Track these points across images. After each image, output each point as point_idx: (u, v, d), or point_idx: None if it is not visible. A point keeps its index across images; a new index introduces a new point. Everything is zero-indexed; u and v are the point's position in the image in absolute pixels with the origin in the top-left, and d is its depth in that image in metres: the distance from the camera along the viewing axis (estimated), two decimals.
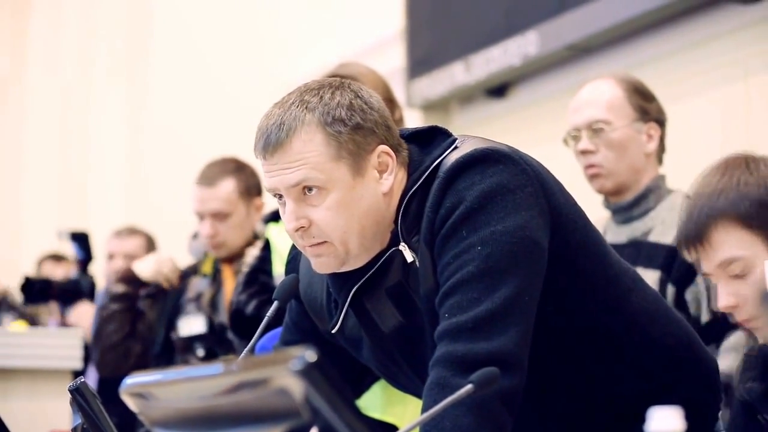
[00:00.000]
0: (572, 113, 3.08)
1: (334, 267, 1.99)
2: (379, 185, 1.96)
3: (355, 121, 1.93)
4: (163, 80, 7.76)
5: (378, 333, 2.04)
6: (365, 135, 1.94)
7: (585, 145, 3.03)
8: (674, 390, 2.06)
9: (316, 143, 1.92)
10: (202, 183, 3.78)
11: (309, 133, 1.92)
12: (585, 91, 3.10)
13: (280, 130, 1.92)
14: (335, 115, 1.92)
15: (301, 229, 1.95)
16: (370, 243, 1.97)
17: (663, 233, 2.95)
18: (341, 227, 1.93)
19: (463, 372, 1.80)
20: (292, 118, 1.92)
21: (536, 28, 4.68)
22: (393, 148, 1.97)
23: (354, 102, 1.95)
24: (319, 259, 1.98)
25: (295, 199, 1.94)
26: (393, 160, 1.96)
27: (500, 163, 1.91)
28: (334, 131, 1.92)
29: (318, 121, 1.92)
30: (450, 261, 1.88)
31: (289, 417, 1.34)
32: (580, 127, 3.04)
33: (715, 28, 4.12)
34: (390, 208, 1.97)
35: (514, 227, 1.87)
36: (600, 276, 2.03)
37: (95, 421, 2.00)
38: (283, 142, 1.92)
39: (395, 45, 5.58)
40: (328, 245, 1.96)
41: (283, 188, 1.94)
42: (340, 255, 1.96)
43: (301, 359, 1.28)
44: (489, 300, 1.84)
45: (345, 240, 1.94)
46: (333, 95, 1.95)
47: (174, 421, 1.55)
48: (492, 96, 5.15)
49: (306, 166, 1.91)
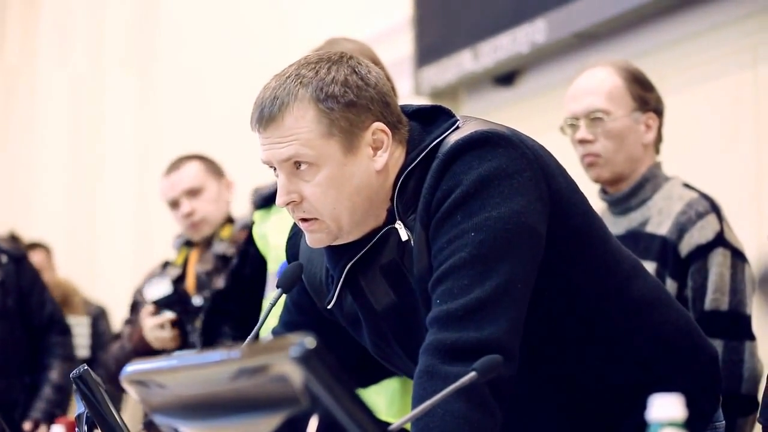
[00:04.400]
0: (570, 101, 3.06)
1: (326, 241, 1.99)
2: (372, 162, 1.95)
3: (348, 98, 1.92)
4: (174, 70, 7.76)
5: (372, 311, 2.03)
6: (359, 112, 1.93)
7: (583, 134, 3.00)
8: (673, 379, 2.05)
9: (307, 119, 1.91)
10: (168, 172, 3.96)
11: (301, 109, 1.91)
12: (583, 78, 3.06)
13: (273, 105, 1.92)
14: (328, 92, 1.92)
15: (292, 203, 1.95)
16: (362, 219, 1.96)
17: (659, 223, 2.93)
18: (331, 203, 1.93)
19: (452, 360, 1.79)
20: (286, 92, 1.92)
21: (544, 16, 4.67)
22: (390, 125, 1.96)
23: (349, 78, 1.94)
24: (311, 234, 1.99)
25: (287, 173, 1.94)
26: (388, 137, 1.95)
27: (499, 146, 1.89)
28: (327, 108, 1.91)
29: (311, 97, 1.91)
30: (444, 246, 1.87)
31: (289, 404, 1.34)
32: (578, 116, 3.01)
33: (723, 15, 4.11)
34: (385, 185, 1.96)
35: (509, 213, 1.86)
36: (599, 262, 2.02)
37: (98, 409, 2.00)
38: (276, 116, 1.92)
39: (404, 33, 5.57)
40: (319, 222, 1.96)
41: (275, 162, 1.95)
42: (332, 231, 1.96)
43: (300, 346, 1.27)
44: (480, 287, 1.83)
45: (335, 216, 1.94)
46: (329, 70, 1.94)
47: (174, 408, 1.56)
48: (500, 84, 5.14)
49: (297, 141, 1.91)
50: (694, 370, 2.10)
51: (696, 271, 2.86)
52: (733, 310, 2.85)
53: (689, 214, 2.89)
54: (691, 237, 2.87)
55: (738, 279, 2.87)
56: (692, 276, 2.87)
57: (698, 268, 2.86)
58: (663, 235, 2.90)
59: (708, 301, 2.85)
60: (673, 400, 1.33)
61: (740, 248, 2.91)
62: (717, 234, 2.87)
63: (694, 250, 2.86)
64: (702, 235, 2.86)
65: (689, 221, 2.88)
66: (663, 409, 1.33)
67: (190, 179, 3.90)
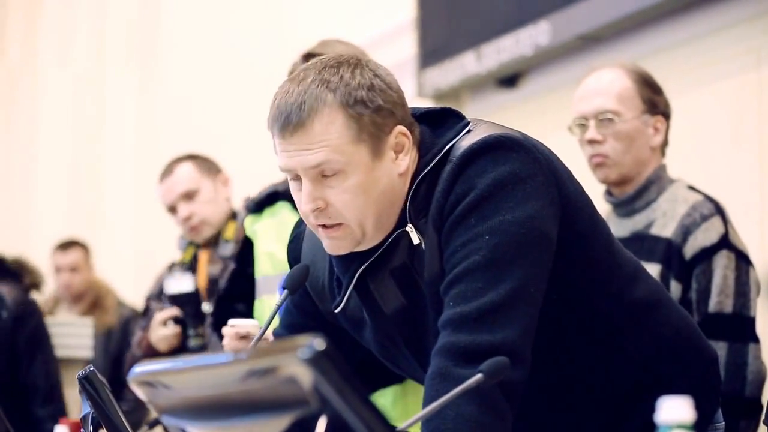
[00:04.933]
0: (579, 101, 3.05)
1: (348, 248, 1.96)
2: (395, 166, 1.94)
3: (376, 103, 1.90)
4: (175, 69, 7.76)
5: (380, 314, 2.02)
6: (385, 116, 1.92)
7: (592, 134, 2.99)
8: (673, 380, 2.05)
9: (337, 125, 1.88)
10: (162, 177, 3.94)
11: (331, 114, 1.88)
12: (593, 79, 3.06)
13: (301, 110, 1.88)
14: (357, 96, 1.89)
15: (317, 210, 1.92)
16: (386, 224, 1.95)
17: (664, 225, 2.93)
18: (359, 209, 1.91)
19: (465, 363, 1.79)
20: (314, 98, 1.88)
21: (548, 18, 4.67)
22: (408, 127, 1.96)
23: (374, 82, 1.92)
24: (333, 241, 1.96)
25: (313, 179, 1.91)
26: (409, 140, 1.95)
27: (513, 151, 1.89)
28: (356, 113, 1.89)
29: (340, 103, 1.89)
30: (457, 249, 1.87)
31: (298, 406, 1.34)
32: (587, 116, 3.01)
33: (727, 17, 4.11)
34: (404, 188, 1.95)
35: (523, 217, 1.86)
36: (603, 265, 2.02)
37: (104, 410, 2.00)
38: (305, 122, 1.88)
39: (407, 34, 5.57)
40: (344, 228, 1.93)
41: (301, 169, 1.91)
42: (357, 237, 1.94)
43: (309, 347, 1.27)
44: (494, 291, 1.83)
45: (362, 222, 1.93)
46: (353, 74, 1.91)
47: (182, 410, 1.55)
48: (503, 86, 5.14)
49: (327, 148, 1.88)
50: (694, 372, 2.11)
51: (700, 274, 2.86)
52: (737, 312, 2.85)
53: (694, 217, 2.89)
54: (696, 239, 2.87)
55: (742, 281, 2.87)
56: (696, 278, 2.87)
57: (702, 271, 2.86)
58: (668, 238, 2.90)
59: (712, 303, 2.85)
60: (681, 403, 1.33)
61: (744, 251, 2.91)
62: (721, 236, 2.87)
63: (698, 252, 2.86)
64: (706, 238, 2.86)
65: (694, 223, 2.88)
66: (671, 411, 1.33)
67: (184, 183, 3.87)
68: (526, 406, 1.91)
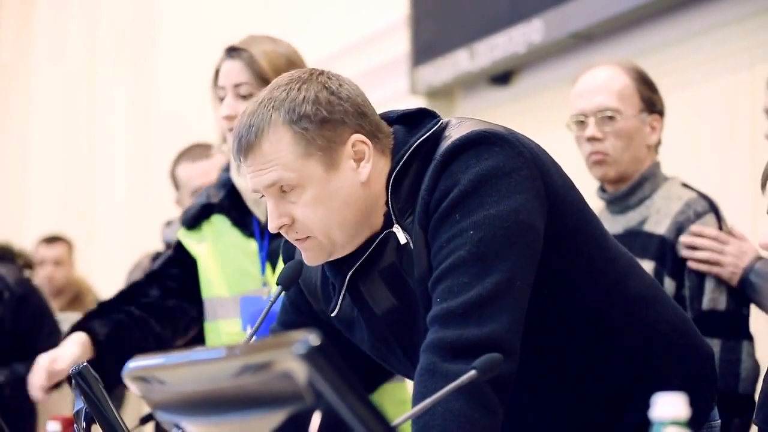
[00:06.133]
0: (578, 98, 3.04)
1: (322, 259, 2.00)
2: (357, 174, 1.95)
3: (321, 116, 1.92)
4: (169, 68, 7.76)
5: (371, 315, 2.03)
6: (333, 128, 1.93)
7: (593, 131, 2.99)
8: (668, 377, 2.05)
9: (284, 143, 1.91)
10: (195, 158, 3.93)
11: (276, 133, 1.92)
12: (592, 76, 3.05)
13: (250, 133, 1.93)
14: (300, 112, 1.91)
15: (285, 227, 1.96)
16: (355, 231, 1.97)
17: (657, 222, 2.93)
18: (322, 221, 1.94)
19: (453, 358, 1.79)
20: (260, 119, 1.92)
21: (541, 16, 4.67)
22: (369, 134, 1.96)
23: (320, 95, 1.93)
24: (306, 253, 2.00)
25: (275, 198, 1.95)
26: (369, 147, 1.95)
27: (496, 145, 1.90)
28: (301, 128, 1.91)
29: (284, 120, 1.92)
30: (443, 245, 1.87)
31: (293, 401, 1.34)
32: (587, 113, 3.00)
33: (720, 16, 4.11)
34: (374, 194, 1.96)
35: (507, 211, 1.86)
36: (596, 260, 2.02)
37: (97, 406, 2.00)
38: (253, 144, 1.92)
39: (400, 32, 5.57)
40: (312, 240, 1.96)
41: (261, 188, 1.95)
42: (326, 247, 1.97)
43: (304, 342, 1.27)
44: (480, 285, 1.83)
45: (327, 233, 1.95)
46: (299, 90, 1.93)
47: (177, 405, 1.55)
48: (496, 83, 5.14)
49: (278, 166, 1.92)
50: (689, 368, 2.10)
51: (694, 270, 2.87)
52: (731, 309, 2.86)
53: (688, 214, 2.91)
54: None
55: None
56: (690, 275, 2.88)
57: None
58: (661, 234, 2.91)
59: (705, 300, 2.86)
60: (676, 399, 1.33)
61: None
62: None
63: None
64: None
65: (688, 220, 2.90)
66: (666, 408, 1.33)
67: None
68: (518, 401, 1.91)
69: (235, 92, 2.78)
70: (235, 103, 2.77)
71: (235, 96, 2.78)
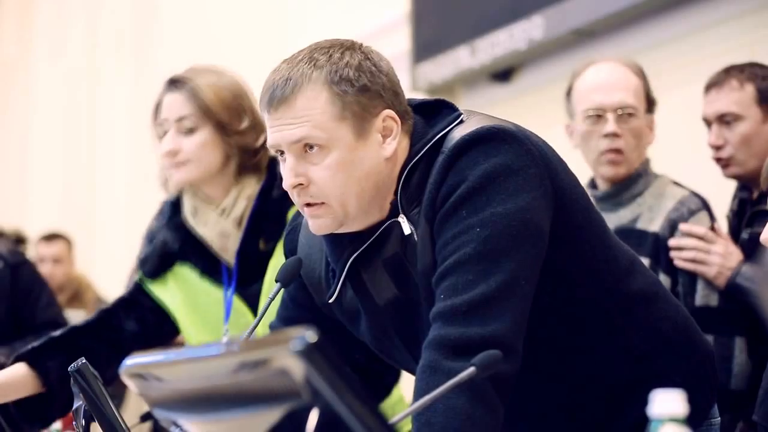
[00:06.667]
0: (594, 92, 3.00)
1: (331, 228, 1.97)
2: (382, 149, 1.94)
3: (362, 83, 1.92)
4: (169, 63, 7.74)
5: (373, 306, 2.02)
6: (371, 97, 1.93)
7: (613, 127, 2.96)
8: (669, 374, 2.04)
9: (320, 101, 1.91)
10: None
11: (314, 90, 1.91)
12: (605, 72, 3.02)
13: (286, 85, 1.91)
14: (343, 75, 1.91)
15: (299, 186, 1.94)
16: (368, 206, 1.96)
17: (650, 220, 2.94)
18: (340, 187, 1.92)
19: (455, 355, 1.79)
20: (299, 74, 1.91)
21: (542, 13, 4.67)
22: (399, 114, 1.96)
23: (363, 63, 1.94)
24: (315, 219, 1.97)
25: (296, 155, 1.93)
26: (398, 125, 1.95)
27: (505, 142, 1.89)
28: (340, 90, 1.91)
29: (325, 79, 1.91)
30: (448, 241, 1.87)
31: (290, 398, 1.33)
32: (606, 108, 2.97)
33: (720, 13, 4.11)
34: (392, 174, 1.96)
35: (514, 209, 1.85)
36: (599, 257, 2.01)
37: (96, 403, 2.00)
38: (288, 97, 1.91)
39: (401, 28, 5.57)
40: (326, 207, 1.95)
41: (284, 144, 1.93)
42: (338, 216, 1.95)
43: (301, 339, 1.26)
44: (484, 283, 1.82)
45: (343, 201, 1.94)
46: (343, 55, 1.93)
47: (174, 402, 1.55)
48: (497, 80, 5.14)
49: (309, 123, 1.91)
50: (690, 366, 2.10)
51: None
52: (724, 306, 2.87)
53: (681, 211, 2.92)
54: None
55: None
56: (682, 272, 2.89)
57: None
58: (655, 232, 2.91)
59: (699, 297, 2.87)
60: (674, 396, 1.32)
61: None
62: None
63: None
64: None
65: (681, 217, 2.91)
66: (664, 404, 1.32)
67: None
68: (519, 399, 1.91)
69: (177, 126, 2.66)
70: (177, 138, 2.66)
71: (177, 130, 2.66)
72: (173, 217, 2.77)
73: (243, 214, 2.67)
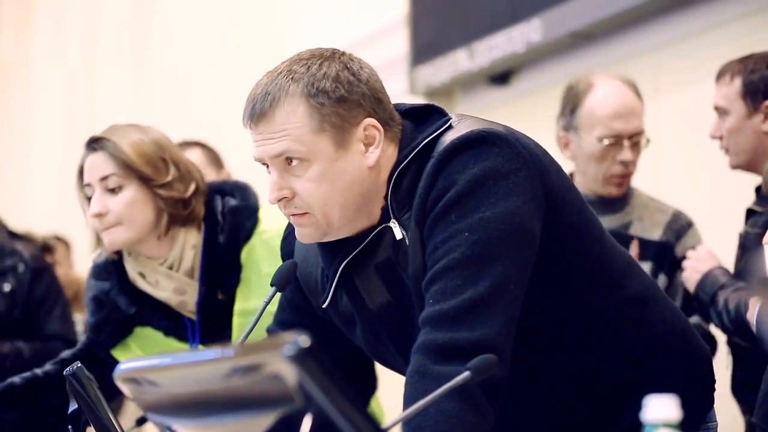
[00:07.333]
0: (615, 119, 3.09)
1: (315, 237, 1.99)
2: (364, 158, 1.95)
3: (339, 94, 1.93)
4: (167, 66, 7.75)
5: (366, 310, 2.03)
6: (350, 108, 1.93)
7: (630, 155, 3.09)
8: (665, 377, 2.04)
9: (298, 115, 1.92)
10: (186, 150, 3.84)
11: (292, 104, 1.92)
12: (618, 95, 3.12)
13: (265, 100, 1.93)
14: (319, 87, 1.92)
15: (284, 200, 1.96)
16: (353, 215, 1.97)
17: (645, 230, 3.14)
18: (323, 198, 1.94)
19: (444, 360, 1.79)
20: (277, 88, 1.93)
21: (540, 16, 4.67)
22: (382, 121, 1.96)
23: (341, 74, 1.94)
24: (300, 229, 1.99)
25: (279, 169, 1.95)
26: (380, 133, 1.96)
27: (495, 146, 1.89)
28: (317, 103, 1.92)
29: (302, 92, 1.92)
30: (438, 245, 1.87)
31: (283, 403, 1.34)
32: (623, 135, 3.07)
33: (718, 15, 4.11)
34: (377, 182, 1.96)
35: (504, 213, 1.85)
36: (594, 259, 2.01)
37: (92, 407, 1.99)
38: (267, 112, 1.93)
39: (399, 31, 5.56)
40: (309, 216, 1.96)
41: (267, 158, 1.95)
42: (322, 226, 1.97)
43: (294, 344, 1.27)
44: (473, 288, 1.82)
45: (326, 212, 1.95)
46: (320, 66, 1.94)
47: (168, 407, 1.55)
48: (495, 83, 5.14)
49: (288, 137, 1.92)
50: (687, 369, 2.10)
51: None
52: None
53: (681, 223, 3.17)
54: (686, 242, 3.14)
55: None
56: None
57: None
58: (659, 240, 3.12)
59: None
60: (668, 401, 1.32)
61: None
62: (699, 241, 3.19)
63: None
64: (694, 241, 3.15)
65: (682, 229, 3.16)
66: (658, 409, 1.32)
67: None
68: (513, 402, 1.90)
69: (102, 186, 2.60)
70: (104, 198, 2.59)
71: (103, 190, 2.60)
72: (122, 280, 2.70)
73: (193, 265, 2.62)
